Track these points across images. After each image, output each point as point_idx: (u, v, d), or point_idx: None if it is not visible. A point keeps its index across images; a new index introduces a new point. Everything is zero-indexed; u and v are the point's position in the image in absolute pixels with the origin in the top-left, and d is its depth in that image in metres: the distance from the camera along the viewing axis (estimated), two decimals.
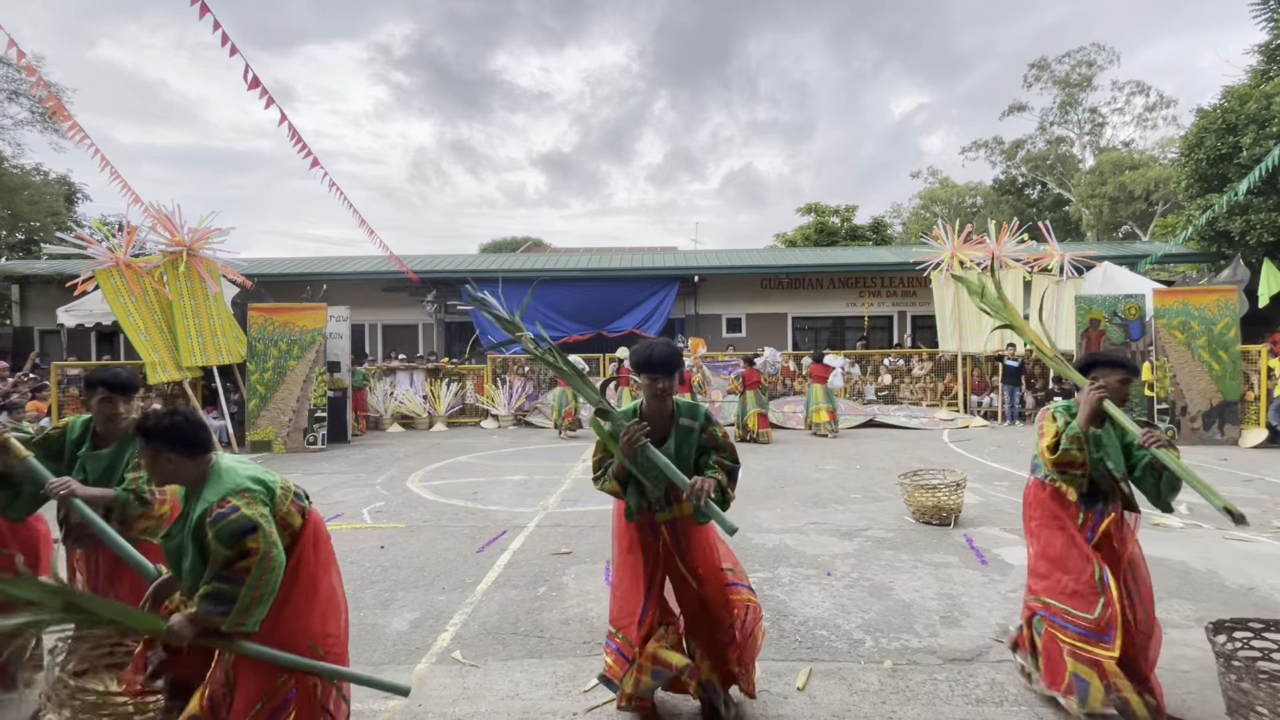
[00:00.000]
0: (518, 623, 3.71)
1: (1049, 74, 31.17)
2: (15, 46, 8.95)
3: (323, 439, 11.21)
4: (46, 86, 15.29)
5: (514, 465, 9.22)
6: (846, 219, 30.78)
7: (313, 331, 11.29)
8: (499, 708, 2.82)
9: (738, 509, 6.37)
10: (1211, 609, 3.71)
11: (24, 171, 22.25)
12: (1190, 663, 3.11)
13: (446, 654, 3.33)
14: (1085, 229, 28.90)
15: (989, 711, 2.73)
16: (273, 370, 11.11)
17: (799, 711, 2.76)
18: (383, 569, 4.68)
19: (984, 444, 10.66)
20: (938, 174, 37.13)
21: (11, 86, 20.87)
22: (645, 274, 17.13)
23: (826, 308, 18.31)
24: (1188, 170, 16.35)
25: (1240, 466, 8.33)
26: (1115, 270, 14.05)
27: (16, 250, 22.42)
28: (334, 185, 12.20)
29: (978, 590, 4.11)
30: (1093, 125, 31.83)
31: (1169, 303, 10.83)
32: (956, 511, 5.69)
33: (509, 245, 36.21)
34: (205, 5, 8.01)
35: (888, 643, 3.39)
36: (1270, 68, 16.03)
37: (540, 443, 11.61)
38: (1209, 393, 10.47)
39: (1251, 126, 14.70)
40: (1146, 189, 26.62)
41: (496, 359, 14.98)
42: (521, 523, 5.92)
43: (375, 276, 17.42)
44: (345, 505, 6.74)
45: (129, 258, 10.18)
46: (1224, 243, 15.71)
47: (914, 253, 16.06)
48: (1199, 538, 5.23)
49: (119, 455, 2.79)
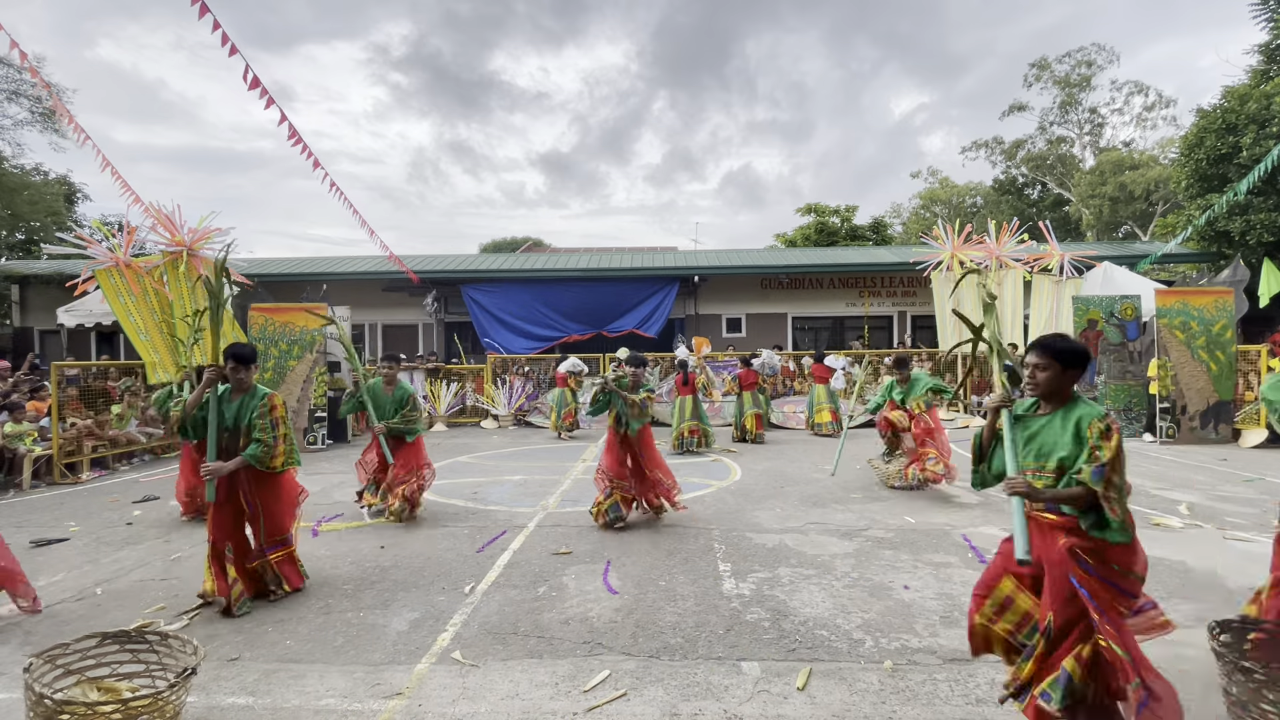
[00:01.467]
0: (518, 623, 3.71)
1: (1049, 74, 31.16)
2: (16, 47, 8.95)
3: (323, 439, 11.21)
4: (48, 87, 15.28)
5: (514, 465, 9.21)
6: (846, 219, 30.78)
7: (313, 332, 11.29)
8: (499, 708, 2.82)
9: (738, 509, 6.37)
10: (1211, 609, 3.71)
11: (24, 171, 22.23)
12: (1190, 663, 3.10)
13: (446, 654, 3.33)
14: (1085, 229, 28.89)
15: (989, 711, 2.73)
16: (273, 370, 11.11)
17: (799, 711, 2.76)
18: (383, 569, 4.68)
19: None
20: (938, 174, 37.15)
21: (12, 87, 20.86)
22: (645, 274, 17.13)
23: (826, 308, 18.31)
24: (1188, 170, 16.35)
25: (1240, 466, 8.33)
26: (1115, 270, 14.04)
27: (16, 250, 22.43)
28: (334, 185, 12.19)
29: None
30: (1093, 125, 31.83)
31: (1170, 303, 10.83)
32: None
33: (509, 245, 36.21)
34: (205, 5, 8.00)
35: (888, 643, 3.39)
36: (1270, 68, 16.02)
37: (540, 443, 11.61)
38: (1207, 392, 10.48)
39: (1251, 126, 14.71)
40: (1146, 189, 26.61)
41: (496, 359, 14.99)
42: (521, 523, 5.92)
43: (375, 276, 17.41)
44: (345, 505, 6.74)
45: (129, 258, 10.18)
46: (1224, 243, 15.71)
47: (914, 253, 16.06)
48: (1199, 538, 5.24)
49: (244, 405, 4.10)
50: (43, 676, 2.56)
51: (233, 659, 3.31)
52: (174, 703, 2.51)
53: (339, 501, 6.94)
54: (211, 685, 3.02)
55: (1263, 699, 2.29)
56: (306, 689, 2.99)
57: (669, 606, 3.91)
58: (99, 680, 2.69)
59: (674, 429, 10.38)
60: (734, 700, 2.85)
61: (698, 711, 2.76)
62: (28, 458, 8.09)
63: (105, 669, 2.77)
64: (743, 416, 11.24)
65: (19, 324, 17.85)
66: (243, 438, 4.04)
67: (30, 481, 8.07)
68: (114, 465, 9.51)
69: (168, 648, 2.84)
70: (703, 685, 2.98)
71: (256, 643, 3.50)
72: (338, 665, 3.23)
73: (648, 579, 4.39)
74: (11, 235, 22.32)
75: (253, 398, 4.11)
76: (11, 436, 8.16)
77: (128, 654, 2.83)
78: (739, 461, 9.26)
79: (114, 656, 2.81)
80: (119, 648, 2.82)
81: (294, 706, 2.85)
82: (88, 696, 2.56)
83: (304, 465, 9.30)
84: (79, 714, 2.33)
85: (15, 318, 17.96)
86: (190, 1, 7.88)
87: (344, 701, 2.88)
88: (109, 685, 2.67)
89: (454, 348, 17.52)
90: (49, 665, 2.62)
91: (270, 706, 2.85)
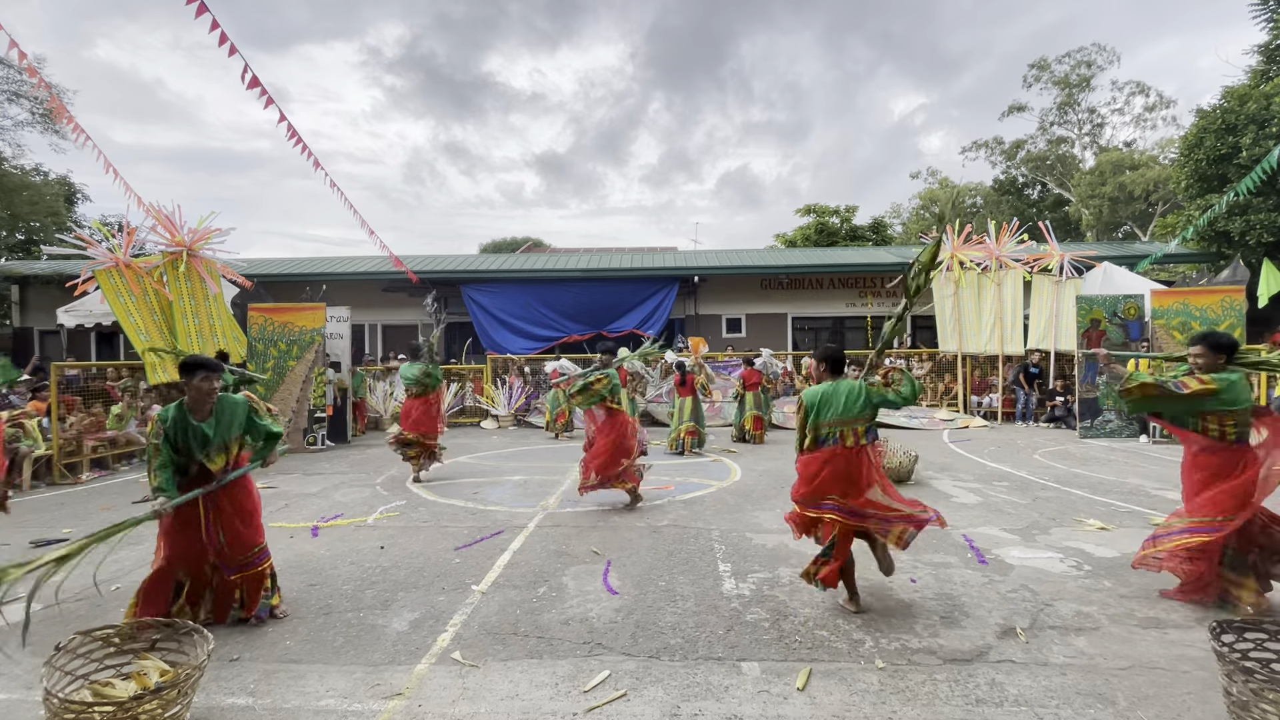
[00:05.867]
0: (518, 623, 3.71)
1: (1049, 74, 31.17)
2: (16, 47, 8.95)
3: (323, 439, 11.21)
4: (48, 87, 15.28)
5: (514, 465, 9.21)
6: (846, 219, 30.78)
7: (312, 332, 11.29)
8: (499, 708, 2.82)
9: (738, 509, 6.37)
10: (1211, 609, 3.71)
11: (24, 172, 22.22)
12: (1190, 663, 3.11)
13: (446, 654, 3.33)
14: (1085, 229, 28.89)
15: (989, 711, 2.73)
16: (273, 370, 11.11)
17: (799, 712, 2.76)
18: (383, 569, 4.68)
19: (984, 444, 10.66)
20: (937, 174, 37.14)
21: (12, 88, 20.86)
22: (645, 274, 17.13)
23: (826, 308, 18.31)
24: (1188, 170, 16.34)
25: None
26: (1115, 270, 14.05)
27: (16, 250, 22.42)
28: (334, 185, 12.19)
29: (978, 590, 4.11)
30: (1092, 125, 31.85)
31: (1168, 303, 10.83)
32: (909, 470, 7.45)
33: (509, 245, 36.20)
34: (204, 4, 8.00)
35: (888, 643, 3.39)
36: (1270, 68, 16.03)
37: (539, 443, 11.61)
38: None
39: (1251, 126, 14.71)
40: (1146, 189, 26.62)
41: (497, 359, 14.98)
42: (521, 523, 5.92)
43: (375, 277, 17.41)
44: (345, 505, 6.73)
45: (129, 258, 10.17)
46: (1224, 243, 15.71)
47: (914, 253, 16.05)
48: None
49: (222, 418, 3.65)
50: (69, 666, 2.66)
51: (233, 659, 3.31)
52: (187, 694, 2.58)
53: (339, 502, 6.94)
54: (211, 685, 3.01)
55: (1264, 700, 2.29)
56: (306, 689, 2.99)
57: (669, 607, 3.91)
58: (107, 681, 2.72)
59: (672, 429, 10.37)
60: (734, 700, 2.85)
61: (698, 712, 2.76)
62: (28, 458, 8.09)
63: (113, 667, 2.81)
64: (743, 417, 11.23)
65: (19, 324, 17.85)
66: (230, 453, 3.66)
67: (30, 482, 8.07)
68: (114, 466, 9.51)
69: (181, 641, 2.93)
70: (703, 685, 2.97)
71: (256, 643, 3.49)
72: (338, 665, 3.23)
73: (648, 579, 4.39)
74: (11, 235, 22.32)
75: (232, 407, 3.68)
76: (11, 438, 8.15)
77: (143, 644, 2.91)
78: (739, 462, 9.25)
79: (132, 647, 2.90)
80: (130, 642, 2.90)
81: (294, 707, 2.85)
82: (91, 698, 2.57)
83: (304, 465, 9.34)
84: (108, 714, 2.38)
85: (15, 318, 17.95)
86: (187, 1, 7.87)
87: (344, 702, 2.88)
88: (136, 674, 2.70)
89: (454, 347, 17.52)
90: (70, 657, 2.71)
91: (270, 707, 2.85)
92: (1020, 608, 3.81)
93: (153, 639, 2.92)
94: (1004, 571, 4.46)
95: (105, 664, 2.81)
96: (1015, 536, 5.29)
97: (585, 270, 17.24)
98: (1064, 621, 3.61)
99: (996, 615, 3.71)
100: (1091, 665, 3.11)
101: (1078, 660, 3.16)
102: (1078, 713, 2.70)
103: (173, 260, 10.30)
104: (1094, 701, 2.79)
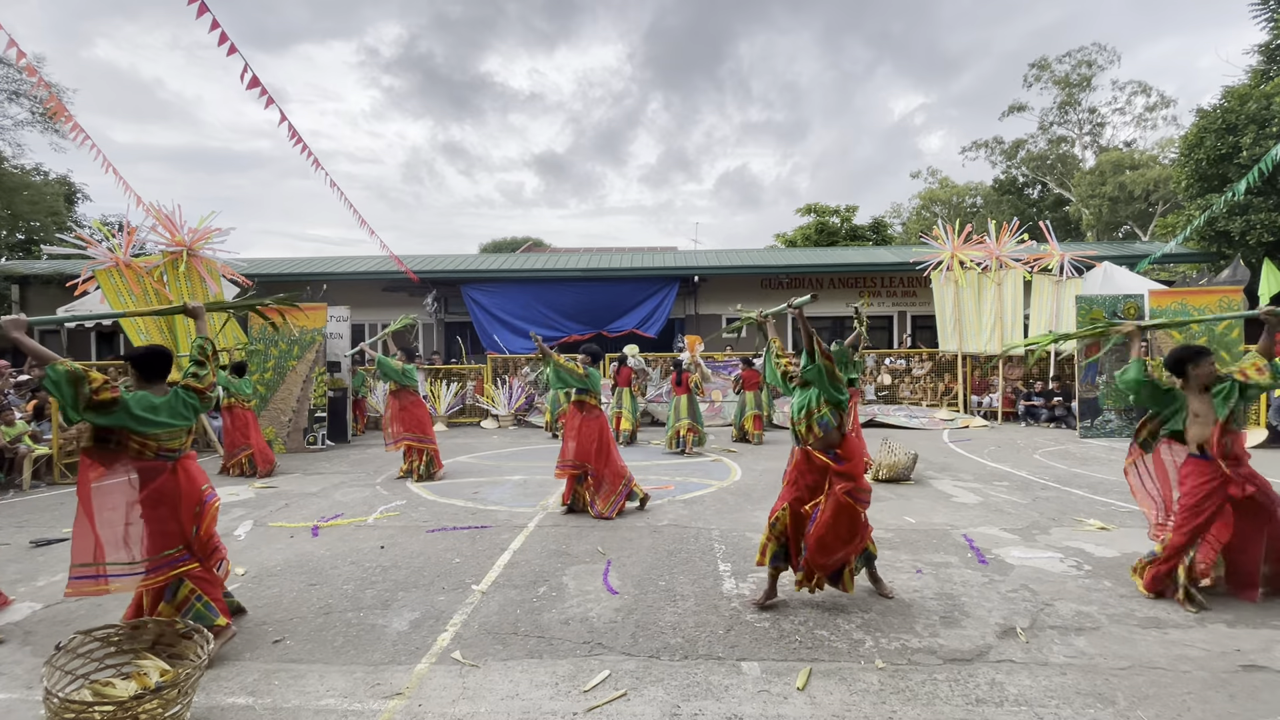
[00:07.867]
0: (518, 623, 3.71)
1: (1049, 74, 31.15)
2: (15, 47, 8.94)
3: (323, 439, 11.21)
4: (48, 88, 15.28)
5: (514, 465, 9.21)
6: (846, 219, 30.77)
7: (312, 331, 11.29)
8: (499, 708, 2.82)
9: (738, 509, 6.37)
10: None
11: (24, 171, 22.21)
12: (1190, 663, 3.11)
13: (446, 654, 3.33)
14: (1085, 229, 28.88)
15: (989, 711, 2.73)
16: (273, 370, 11.11)
17: (799, 711, 2.76)
18: (383, 569, 4.68)
19: (984, 444, 10.66)
20: (937, 174, 37.13)
21: (12, 87, 20.85)
22: (645, 274, 17.12)
23: (826, 308, 18.29)
24: (1188, 170, 16.34)
25: None
26: (1115, 270, 14.04)
27: (16, 250, 22.40)
28: (334, 185, 12.19)
29: (978, 590, 4.11)
30: (1093, 125, 31.82)
31: (1166, 303, 10.82)
32: (909, 469, 7.50)
33: (509, 245, 36.19)
34: (205, 4, 8.00)
35: (888, 642, 3.39)
36: (1270, 68, 16.03)
37: (540, 443, 11.61)
38: None
39: (1251, 126, 14.71)
40: (1146, 189, 26.60)
41: (497, 359, 14.98)
42: (521, 523, 5.92)
43: (375, 276, 17.41)
44: (345, 505, 6.74)
45: (129, 258, 10.18)
46: (1224, 243, 15.71)
47: (914, 253, 16.06)
48: None
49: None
50: (69, 665, 2.66)
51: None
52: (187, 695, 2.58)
53: (339, 501, 6.94)
54: (211, 685, 3.01)
55: None
56: (306, 689, 2.99)
57: (669, 606, 3.91)
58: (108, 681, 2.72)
59: (669, 427, 10.37)
60: (734, 700, 2.85)
61: (698, 711, 2.76)
62: (28, 458, 8.09)
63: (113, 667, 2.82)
64: (743, 417, 11.23)
65: None
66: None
67: (30, 482, 8.07)
68: None
69: (181, 641, 2.93)
70: (703, 685, 2.98)
71: (256, 643, 3.50)
72: (338, 665, 3.23)
73: (648, 579, 4.39)
74: (11, 235, 22.30)
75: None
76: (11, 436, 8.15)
77: (141, 645, 2.90)
78: (739, 461, 9.26)
79: (127, 649, 2.89)
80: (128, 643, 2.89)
81: (294, 706, 2.85)
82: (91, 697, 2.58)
83: (304, 465, 9.34)
84: (107, 714, 2.38)
85: None
86: (188, 1, 7.87)
87: (344, 701, 2.88)
88: (136, 674, 2.70)
89: (454, 347, 17.52)
90: (71, 656, 2.70)
91: (270, 706, 2.85)
92: (1020, 607, 3.82)
93: (153, 638, 2.92)
94: (1004, 571, 4.46)
95: (105, 663, 2.81)
96: (1015, 536, 5.29)
97: (585, 270, 17.24)
98: (1064, 621, 3.62)
99: (996, 615, 3.71)
100: (1091, 665, 3.11)
101: (1078, 660, 3.16)
102: (1078, 712, 2.70)
103: (173, 260, 10.31)
104: (1094, 701, 2.79)
